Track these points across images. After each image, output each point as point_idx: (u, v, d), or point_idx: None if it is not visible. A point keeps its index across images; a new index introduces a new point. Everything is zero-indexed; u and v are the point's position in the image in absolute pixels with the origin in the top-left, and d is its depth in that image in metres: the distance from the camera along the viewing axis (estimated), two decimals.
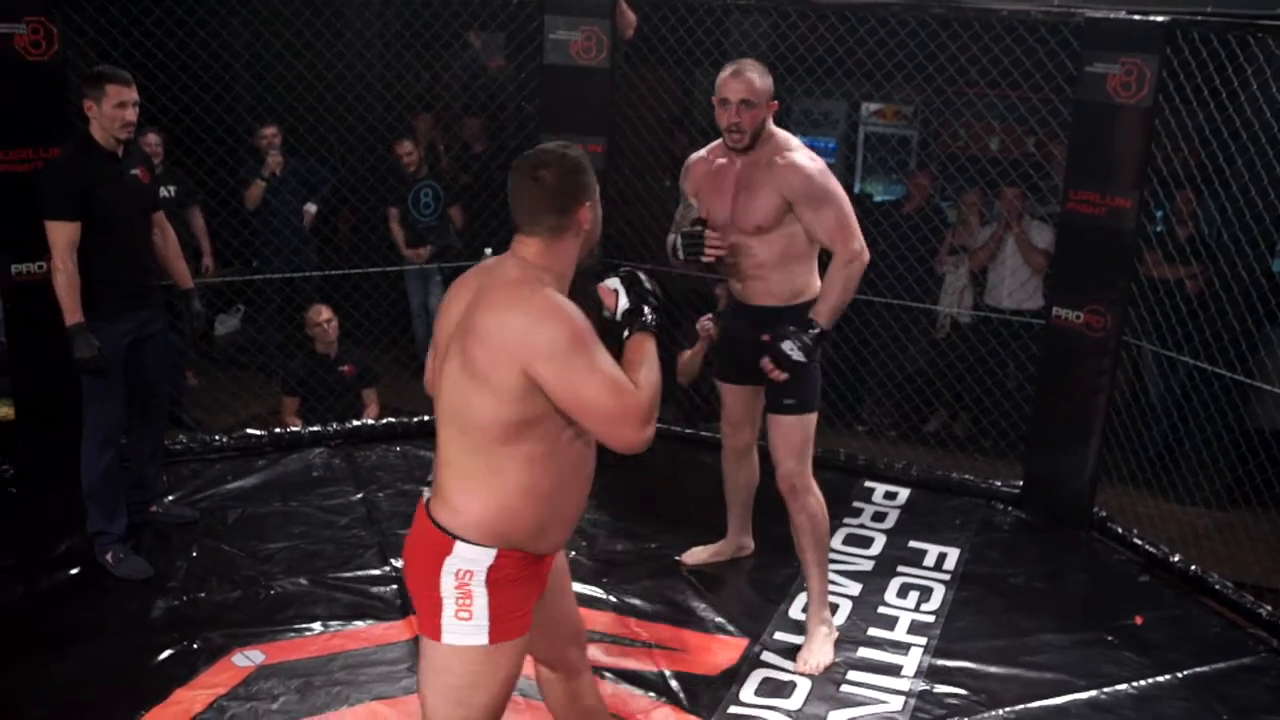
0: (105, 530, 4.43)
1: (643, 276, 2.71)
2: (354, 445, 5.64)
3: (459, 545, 2.50)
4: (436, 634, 2.55)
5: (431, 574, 2.52)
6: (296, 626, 4.10)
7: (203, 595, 4.28)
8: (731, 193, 3.93)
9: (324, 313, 6.16)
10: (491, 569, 2.50)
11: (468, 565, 2.50)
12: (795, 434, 3.98)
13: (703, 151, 4.12)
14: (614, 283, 2.69)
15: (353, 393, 6.20)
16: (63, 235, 4.17)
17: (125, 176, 4.33)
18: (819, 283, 3.96)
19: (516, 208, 2.57)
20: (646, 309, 2.64)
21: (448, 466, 2.56)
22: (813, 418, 4.01)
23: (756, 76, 3.81)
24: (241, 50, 6.12)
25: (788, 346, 3.81)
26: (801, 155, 3.85)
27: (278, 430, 5.71)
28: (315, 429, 5.72)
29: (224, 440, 5.53)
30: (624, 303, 2.65)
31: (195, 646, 3.93)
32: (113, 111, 4.21)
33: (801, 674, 3.95)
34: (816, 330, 3.82)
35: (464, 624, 2.51)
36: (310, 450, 5.57)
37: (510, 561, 2.52)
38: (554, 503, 2.56)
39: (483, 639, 2.52)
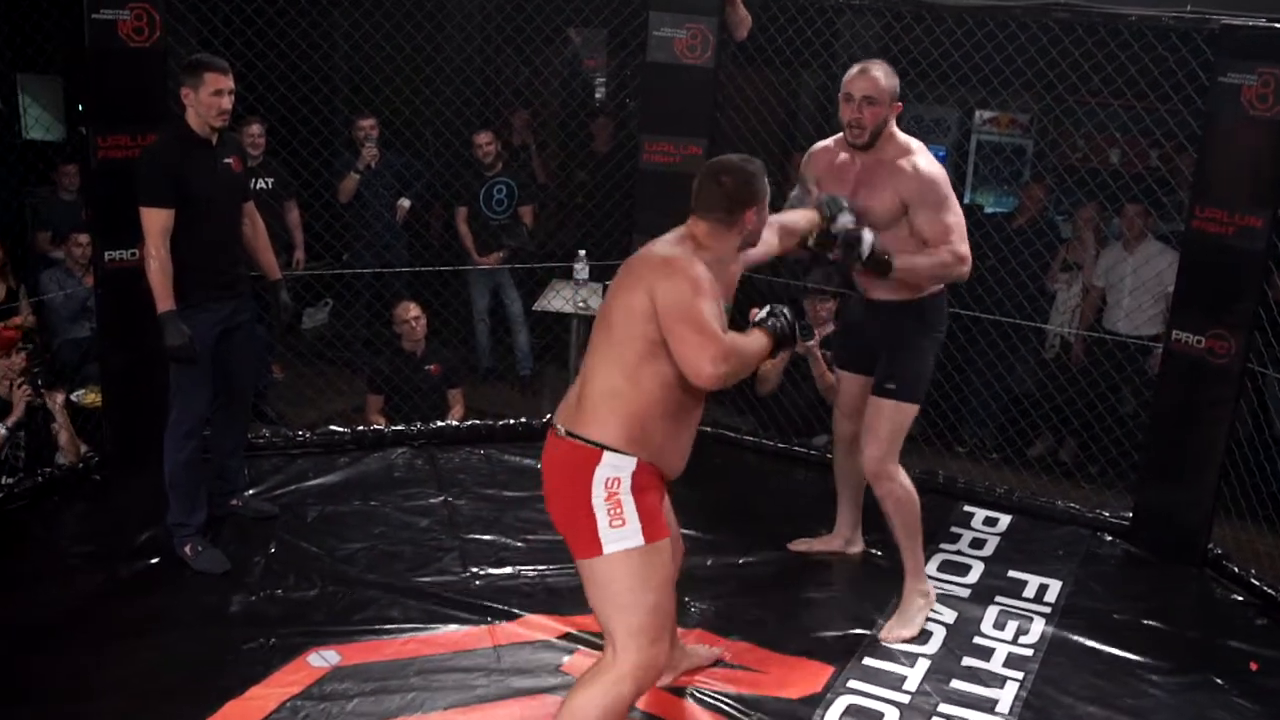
0: (185, 522, 4.41)
1: (786, 312, 3.22)
2: (437, 446, 5.60)
3: (607, 454, 2.95)
4: (596, 549, 2.94)
5: (582, 489, 2.95)
6: (373, 628, 4.04)
7: (279, 592, 4.26)
8: (850, 189, 4.01)
9: (412, 310, 6.12)
10: (635, 474, 2.95)
11: (615, 472, 2.94)
12: (886, 419, 4.10)
13: (828, 142, 4.22)
14: (761, 311, 3.23)
15: (438, 393, 6.17)
16: (156, 222, 4.16)
17: (219, 165, 4.33)
18: (933, 289, 4.11)
19: (696, 198, 3.14)
20: (772, 320, 3.18)
21: (591, 384, 3.02)
22: (910, 409, 4.12)
23: (882, 75, 3.91)
24: (340, 41, 6.09)
25: (848, 221, 3.84)
26: (923, 159, 3.95)
27: (361, 428, 5.68)
28: (399, 428, 5.69)
29: (307, 436, 5.51)
30: (759, 315, 3.22)
31: (271, 644, 3.90)
32: (209, 99, 4.21)
33: (884, 640, 4.10)
34: (884, 255, 3.86)
35: (619, 531, 2.92)
36: (393, 450, 5.53)
37: (646, 470, 2.98)
38: (674, 425, 3.03)
39: (639, 540, 2.93)
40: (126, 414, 4.97)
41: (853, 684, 3.89)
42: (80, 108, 4.78)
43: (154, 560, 4.40)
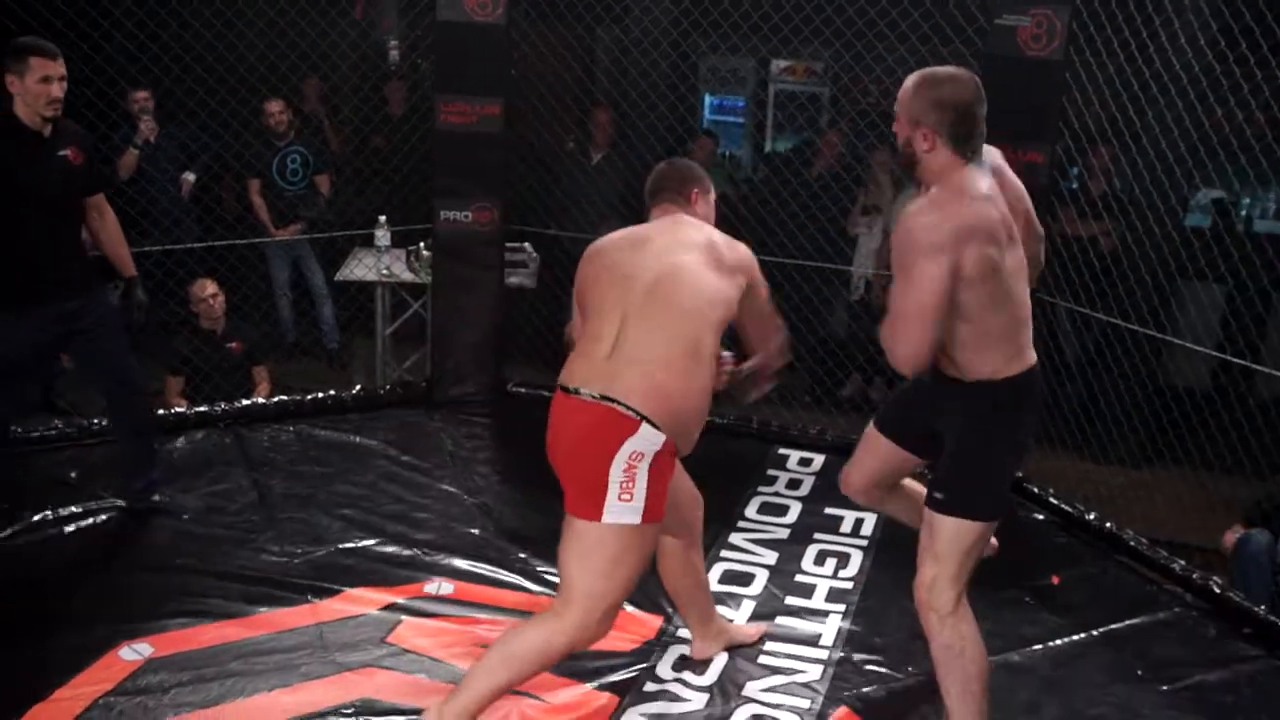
0: None
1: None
2: (244, 426, 5.41)
3: (645, 427, 2.90)
4: (596, 514, 2.94)
5: (606, 456, 2.91)
6: (186, 616, 3.88)
7: (84, 587, 4.04)
8: None
9: (209, 287, 5.95)
10: (658, 455, 2.93)
11: (644, 447, 2.91)
12: (939, 536, 3.15)
13: None
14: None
15: (241, 371, 5.99)
16: None
17: (52, 158, 4.05)
18: (1007, 369, 3.07)
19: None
20: None
21: (635, 351, 2.97)
22: (970, 528, 3.11)
23: (912, 84, 2.96)
24: (111, 7, 5.77)
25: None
26: (918, 210, 2.91)
27: (161, 411, 5.40)
28: (202, 409, 5.48)
29: (102, 424, 5.20)
30: None
31: (76, 643, 3.69)
32: (37, 87, 3.93)
33: None
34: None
35: (625, 505, 2.92)
36: (196, 432, 5.33)
37: (669, 451, 2.98)
38: (701, 406, 3.03)
39: (637, 519, 2.94)
40: None
41: (683, 633, 3.90)
42: None
43: None
